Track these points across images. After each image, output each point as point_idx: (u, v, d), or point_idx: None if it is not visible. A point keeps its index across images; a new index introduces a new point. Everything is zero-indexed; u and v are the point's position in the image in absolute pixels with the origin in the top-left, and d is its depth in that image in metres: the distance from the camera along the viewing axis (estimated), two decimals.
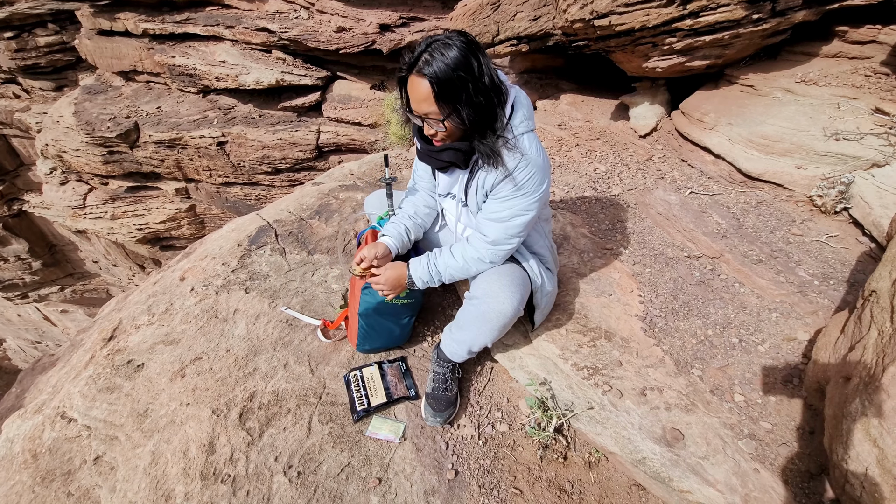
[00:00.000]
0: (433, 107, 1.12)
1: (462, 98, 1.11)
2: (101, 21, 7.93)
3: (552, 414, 1.45)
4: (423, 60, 1.09)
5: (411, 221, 1.56)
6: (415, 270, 1.41)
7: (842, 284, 1.73)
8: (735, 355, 1.54)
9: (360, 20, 6.68)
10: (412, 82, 1.12)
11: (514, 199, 1.25)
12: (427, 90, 1.10)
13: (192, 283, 2.11)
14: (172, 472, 1.34)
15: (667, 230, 2.16)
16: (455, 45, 1.08)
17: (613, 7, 2.40)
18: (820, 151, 2.16)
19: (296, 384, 1.61)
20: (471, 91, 1.11)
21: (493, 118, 1.18)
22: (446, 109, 1.13)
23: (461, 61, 1.07)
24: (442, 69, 1.07)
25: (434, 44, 1.09)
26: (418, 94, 1.12)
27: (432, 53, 1.08)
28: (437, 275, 1.40)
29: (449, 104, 1.12)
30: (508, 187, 1.24)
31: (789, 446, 1.29)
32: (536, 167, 1.23)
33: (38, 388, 2.11)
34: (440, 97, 1.10)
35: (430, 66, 1.07)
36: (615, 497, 1.36)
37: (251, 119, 7.41)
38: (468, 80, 1.09)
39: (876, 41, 2.68)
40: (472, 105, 1.12)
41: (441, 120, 1.15)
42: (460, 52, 1.08)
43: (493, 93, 1.15)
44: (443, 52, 1.07)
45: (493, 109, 1.17)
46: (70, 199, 8.37)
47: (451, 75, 1.07)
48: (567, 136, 3.31)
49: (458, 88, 1.09)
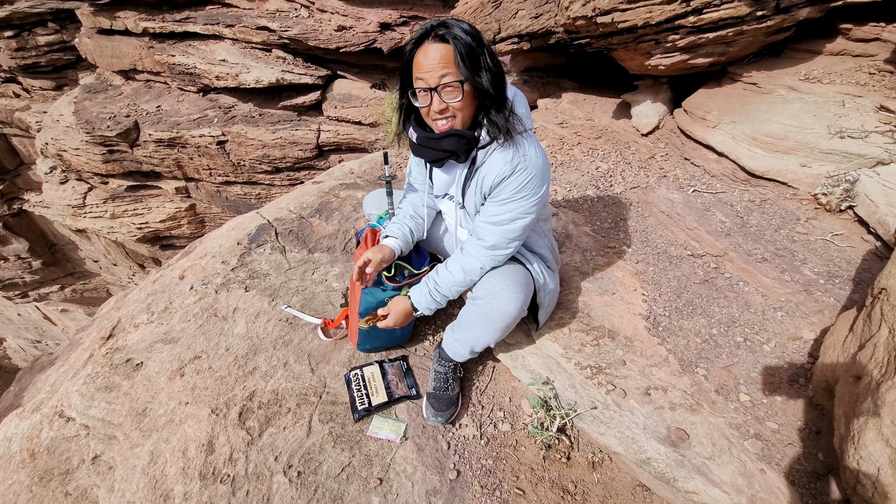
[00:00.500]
0: (452, 69, 1.09)
1: (480, 62, 1.11)
2: (101, 20, 7.91)
3: (555, 413, 1.44)
4: (440, 27, 1.10)
5: (413, 222, 1.54)
6: (417, 301, 1.40)
7: (847, 283, 1.71)
8: (740, 354, 1.52)
9: (360, 19, 6.66)
10: (426, 49, 1.10)
11: (514, 202, 1.23)
12: (448, 51, 1.09)
13: (191, 282, 2.10)
14: (171, 471, 1.33)
15: (670, 228, 2.14)
16: (465, 22, 1.13)
17: (616, 4, 2.38)
18: (824, 149, 2.15)
19: (296, 383, 1.60)
20: (487, 58, 1.12)
21: (503, 90, 1.18)
22: (467, 71, 1.10)
23: (474, 32, 1.11)
24: (461, 34, 1.08)
25: (443, 20, 1.12)
26: (435, 58, 1.09)
27: (446, 24, 1.10)
28: (440, 297, 1.38)
29: (469, 67, 1.09)
30: (509, 189, 1.22)
31: (795, 446, 1.27)
32: (537, 168, 1.21)
33: (37, 386, 2.10)
34: (462, 58, 1.08)
35: (450, 30, 1.09)
36: (619, 498, 1.34)
37: (251, 118, 7.39)
38: (484, 47, 1.11)
39: (880, 39, 2.66)
40: (489, 70, 1.12)
41: (461, 82, 1.11)
42: (472, 27, 1.12)
43: (502, 71, 1.17)
44: (457, 23, 1.10)
45: (504, 82, 1.18)
46: (70, 199, 8.36)
47: (471, 40, 1.09)
48: (569, 134, 3.29)
49: (476, 53, 1.10)
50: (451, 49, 1.08)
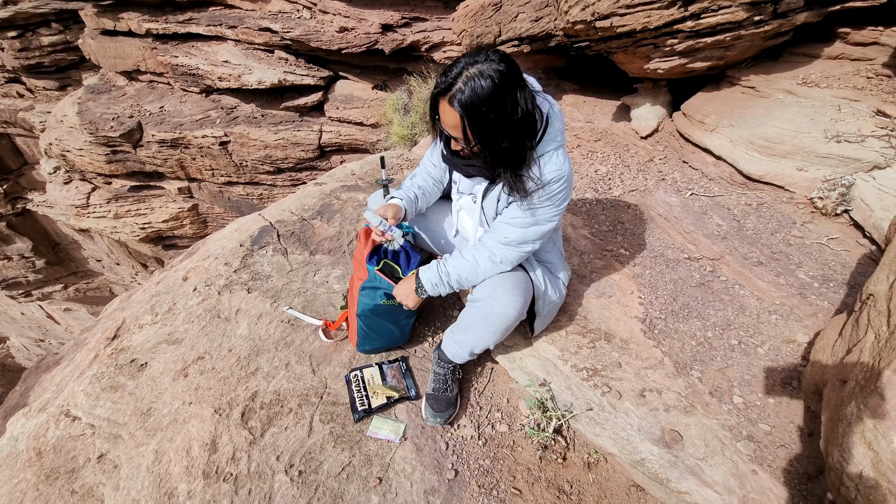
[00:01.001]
0: (461, 135, 1.13)
1: (489, 136, 1.11)
2: (105, 21, 7.96)
3: (551, 415, 1.46)
4: (456, 88, 1.06)
5: (420, 190, 1.56)
6: (423, 273, 1.40)
7: (842, 287, 1.73)
8: (734, 357, 1.54)
9: (362, 20, 6.69)
10: (443, 106, 1.11)
11: (539, 209, 1.26)
12: (456, 120, 1.10)
13: (194, 283, 2.13)
14: (175, 470, 1.36)
15: (667, 232, 2.17)
16: (491, 77, 1.04)
17: (615, 9, 2.41)
18: (821, 153, 2.16)
19: (297, 384, 1.63)
20: (499, 130, 1.10)
21: (521, 154, 1.17)
22: (473, 141, 1.12)
23: (493, 97, 1.05)
24: (473, 103, 1.05)
25: (471, 69, 1.05)
26: (448, 120, 1.12)
27: (467, 82, 1.05)
28: (445, 275, 1.37)
29: (477, 137, 1.11)
30: (537, 197, 1.25)
31: (788, 448, 1.29)
32: (569, 182, 1.25)
33: (43, 386, 2.13)
34: (468, 129, 1.10)
35: (463, 95, 1.05)
36: (614, 498, 1.37)
37: (253, 119, 7.44)
38: (498, 118, 1.08)
39: (878, 43, 2.67)
40: (497, 146, 1.12)
41: (468, 147, 1.15)
42: (495, 85, 1.04)
43: (523, 130, 1.14)
44: (477, 82, 1.04)
45: (521, 146, 1.16)
46: (73, 199, 8.42)
47: (483, 110, 1.06)
48: (568, 137, 3.31)
49: (487, 125, 1.09)
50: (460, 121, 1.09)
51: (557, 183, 1.23)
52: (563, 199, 1.28)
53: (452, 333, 1.52)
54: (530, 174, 1.21)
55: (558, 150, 1.23)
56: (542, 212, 1.27)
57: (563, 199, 1.28)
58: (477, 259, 1.35)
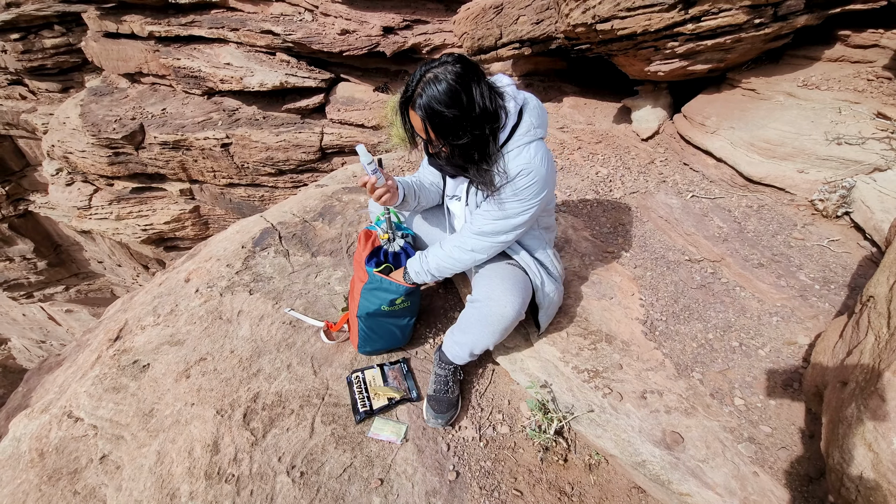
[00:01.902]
0: (426, 137, 1.21)
1: (450, 134, 1.17)
2: (108, 23, 8.00)
3: (552, 416, 1.47)
4: (416, 94, 1.15)
5: (417, 182, 1.59)
6: (410, 262, 1.50)
7: (843, 289, 1.73)
8: (735, 359, 1.54)
9: (363, 23, 6.71)
10: (410, 113, 1.20)
11: (511, 202, 1.29)
12: (420, 124, 1.18)
13: (196, 285, 2.14)
14: (177, 471, 1.36)
15: (668, 234, 2.17)
16: (446, 79, 1.11)
17: (615, 11, 2.41)
18: (822, 155, 2.17)
19: (299, 385, 1.63)
20: (458, 127, 1.16)
21: (483, 150, 1.22)
22: (439, 141, 1.20)
23: (450, 97, 1.12)
24: (432, 105, 1.13)
25: (426, 76, 1.14)
26: (416, 125, 1.21)
27: (424, 88, 1.13)
28: (425, 264, 1.46)
29: (441, 137, 1.19)
30: (508, 190, 1.27)
31: (789, 450, 1.29)
32: (538, 177, 1.25)
33: (45, 387, 2.14)
34: (433, 130, 1.17)
35: (421, 99, 1.13)
36: (615, 499, 1.37)
37: (255, 121, 7.45)
38: (457, 115, 1.14)
39: (878, 45, 2.68)
40: (459, 141, 1.18)
41: (438, 147, 1.23)
42: (449, 87, 1.11)
43: (485, 123, 1.18)
44: (433, 86, 1.12)
45: (484, 142, 1.21)
46: (76, 200, 8.44)
47: (442, 110, 1.13)
48: (569, 139, 3.32)
49: (447, 124, 1.15)
50: (422, 123, 1.17)
51: (525, 178, 1.24)
52: (534, 194, 1.28)
53: (452, 334, 1.52)
54: (496, 168, 1.24)
55: (531, 144, 1.25)
56: (510, 206, 1.29)
57: (534, 194, 1.28)
58: (451, 249, 1.41)
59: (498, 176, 1.25)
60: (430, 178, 1.59)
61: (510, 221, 1.32)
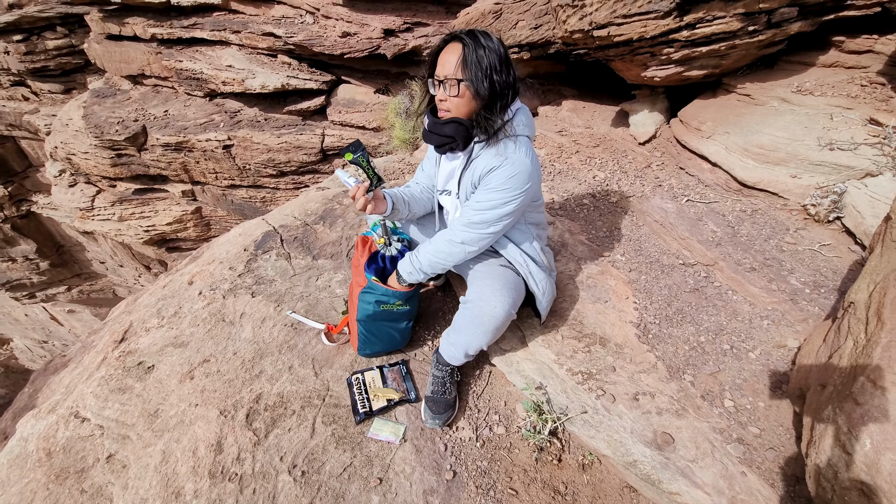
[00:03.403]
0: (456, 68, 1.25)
1: (482, 73, 1.24)
2: (110, 25, 8.06)
3: (547, 417, 1.50)
4: (467, 34, 1.24)
5: (407, 191, 1.65)
6: (400, 265, 1.54)
7: (832, 293, 1.77)
8: (726, 361, 1.58)
9: (364, 25, 6.75)
10: (448, 48, 1.28)
11: (498, 192, 1.34)
12: (458, 53, 1.24)
13: (200, 287, 2.18)
14: (182, 470, 1.40)
15: (663, 238, 2.20)
16: (494, 38, 1.27)
17: (612, 18, 2.45)
18: (814, 161, 2.20)
19: (300, 386, 1.67)
20: (491, 73, 1.24)
21: (499, 103, 1.30)
22: (466, 75, 1.25)
23: (496, 49, 1.25)
24: (479, 45, 1.23)
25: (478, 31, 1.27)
26: (449, 56, 1.27)
27: (476, 34, 1.25)
28: (417, 263, 1.49)
29: (471, 71, 1.24)
30: (496, 180, 1.33)
31: (776, 450, 1.33)
32: (524, 167, 1.32)
33: (51, 388, 2.18)
34: (466, 63, 1.24)
35: (470, 38, 1.24)
36: (607, 498, 1.40)
37: (257, 122, 7.50)
38: (494, 64, 1.24)
39: (873, 51, 2.71)
40: (488, 82, 1.25)
41: (458, 82, 1.27)
42: (497, 44, 1.26)
43: (507, 87, 1.29)
44: (485, 36, 1.26)
45: (504, 98, 1.30)
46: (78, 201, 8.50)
47: (483, 53, 1.23)
48: (567, 142, 3.36)
49: (483, 64, 1.23)
50: (461, 52, 1.24)
51: (510, 167, 1.31)
52: (521, 184, 1.34)
53: (448, 336, 1.56)
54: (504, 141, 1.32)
55: (520, 138, 1.34)
56: (498, 195, 1.35)
57: (521, 184, 1.34)
58: (442, 244, 1.46)
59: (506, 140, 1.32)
60: (423, 181, 1.63)
61: (498, 211, 1.37)
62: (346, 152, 1.36)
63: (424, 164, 1.69)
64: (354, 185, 1.38)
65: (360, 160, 1.37)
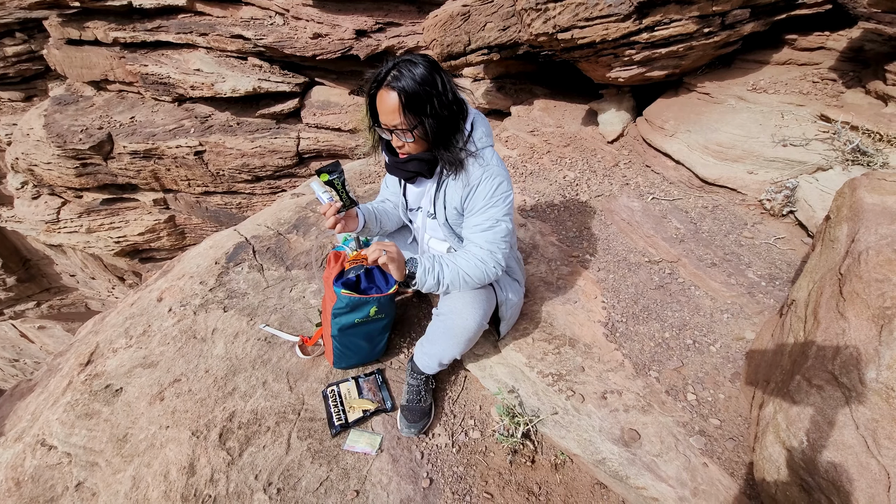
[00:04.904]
0: (401, 118, 1.20)
1: (427, 110, 1.20)
2: (70, 30, 7.74)
3: (520, 420, 1.54)
4: (391, 76, 1.18)
5: (381, 207, 1.63)
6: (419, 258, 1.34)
7: (786, 285, 1.85)
8: (689, 356, 1.64)
9: (335, 26, 6.67)
10: (381, 96, 1.21)
11: (491, 209, 1.34)
12: (395, 102, 1.18)
13: (169, 304, 2.14)
14: (153, 495, 1.38)
15: (630, 236, 2.27)
16: (420, 63, 1.19)
17: (574, 21, 2.50)
18: (769, 157, 2.29)
19: (275, 402, 1.66)
20: (435, 104, 1.20)
21: (456, 130, 1.29)
22: (413, 121, 1.21)
23: (426, 77, 1.18)
24: (409, 83, 1.17)
25: (400, 62, 1.19)
26: (387, 107, 1.20)
27: (400, 70, 1.18)
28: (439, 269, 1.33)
29: (416, 116, 1.20)
30: (481, 198, 1.32)
31: (736, 440, 1.39)
32: (501, 176, 1.33)
33: (18, 414, 2.11)
34: (407, 108, 1.19)
35: (399, 80, 1.17)
36: (579, 496, 1.45)
37: (229, 127, 7.33)
38: (433, 93, 1.19)
39: (825, 47, 2.83)
40: (436, 117, 1.22)
41: (409, 130, 1.23)
42: (425, 69, 1.18)
43: (455, 107, 1.26)
44: (409, 69, 1.17)
45: (456, 122, 1.28)
46: (43, 214, 8.17)
47: (418, 89, 1.17)
48: (539, 142, 3.40)
49: (423, 101, 1.19)
50: (398, 100, 1.18)
51: (491, 180, 1.31)
52: (506, 192, 1.34)
53: (422, 345, 1.58)
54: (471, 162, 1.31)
55: (485, 150, 1.34)
56: (491, 212, 1.34)
57: (506, 192, 1.34)
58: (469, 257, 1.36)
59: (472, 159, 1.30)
60: (390, 197, 1.64)
61: (501, 226, 1.34)
62: (323, 172, 1.35)
63: (388, 182, 1.67)
64: (328, 201, 1.37)
65: (336, 182, 1.36)
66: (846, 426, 0.77)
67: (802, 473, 0.78)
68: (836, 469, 0.74)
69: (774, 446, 0.83)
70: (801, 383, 0.82)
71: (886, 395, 0.77)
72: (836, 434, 0.77)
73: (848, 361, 0.82)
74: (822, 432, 0.77)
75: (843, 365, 0.82)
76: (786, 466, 0.80)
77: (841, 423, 0.78)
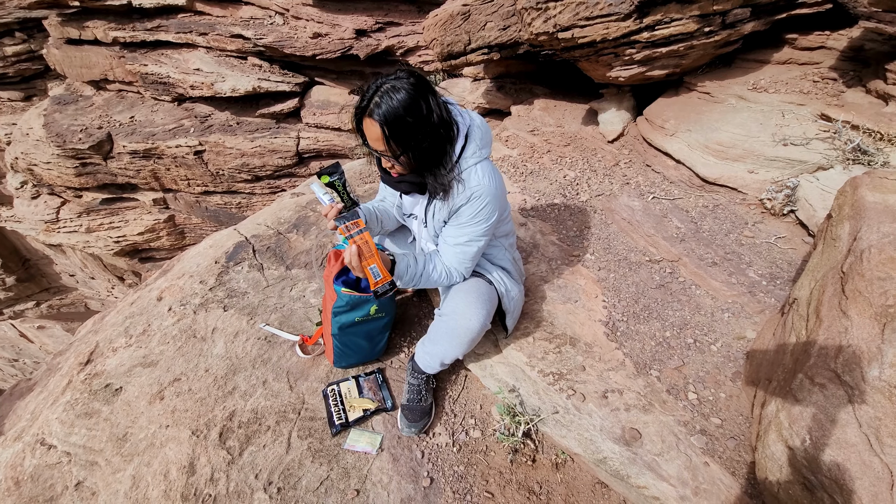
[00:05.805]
0: (384, 147, 1.20)
1: (410, 140, 1.19)
2: (70, 30, 7.74)
3: (520, 419, 1.53)
4: (373, 104, 1.15)
5: (382, 207, 1.63)
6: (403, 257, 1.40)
7: (787, 284, 1.85)
8: (690, 355, 1.64)
9: (335, 26, 6.67)
10: (366, 124, 1.20)
11: (469, 227, 1.36)
12: (378, 133, 1.17)
13: (169, 303, 2.13)
14: (153, 494, 1.38)
15: (630, 235, 2.26)
16: (403, 88, 1.14)
17: (575, 21, 2.49)
18: (769, 156, 2.29)
19: (275, 401, 1.66)
20: (419, 133, 1.18)
21: (442, 155, 1.27)
22: (397, 150, 1.21)
23: (409, 104, 1.14)
24: (391, 113, 1.14)
25: (383, 87, 1.15)
26: (371, 136, 1.20)
27: (381, 97, 1.14)
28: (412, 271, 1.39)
29: (399, 145, 1.19)
30: (466, 216, 1.34)
31: (737, 439, 1.39)
32: (490, 196, 1.32)
33: (17, 414, 2.11)
34: (390, 139, 1.17)
35: (380, 108, 1.14)
36: (580, 495, 1.45)
37: (229, 127, 7.33)
38: (416, 122, 1.16)
39: (825, 47, 2.83)
40: (419, 147, 1.21)
41: (395, 157, 1.23)
42: (408, 94, 1.14)
43: (442, 130, 1.22)
44: (391, 96, 1.13)
45: (442, 148, 1.26)
46: (42, 213, 8.16)
47: (400, 119, 1.14)
48: (539, 142, 3.40)
49: (406, 131, 1.17)
50: (380, 131, 1.16)
51: (478, 200, 1.31)
52: (489, 214, 1.35)
53: (423, 345, 1.58)
54: (456, 186, 1.30)
55: (478, 165, 1.32)
56: (473, 229, 1.36)
57: (489, 214, 1.35)
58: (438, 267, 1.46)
59: (456, 191, 1.31)
60: (389, 198, 1.64)
61: (473, 246, 1.40)
62: (324, 174, 1.35)
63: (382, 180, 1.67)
64: (328, 202, 1.37)
65: (337, 184, 1.35)
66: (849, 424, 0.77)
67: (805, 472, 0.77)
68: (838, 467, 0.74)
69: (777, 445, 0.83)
70: (803, 382, 0.81)
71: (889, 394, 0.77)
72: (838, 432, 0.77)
73: (850, 359, 0.82)
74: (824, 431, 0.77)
75: (845, 363, 0.82)
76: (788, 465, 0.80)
77: (843, 421, 0.78)
